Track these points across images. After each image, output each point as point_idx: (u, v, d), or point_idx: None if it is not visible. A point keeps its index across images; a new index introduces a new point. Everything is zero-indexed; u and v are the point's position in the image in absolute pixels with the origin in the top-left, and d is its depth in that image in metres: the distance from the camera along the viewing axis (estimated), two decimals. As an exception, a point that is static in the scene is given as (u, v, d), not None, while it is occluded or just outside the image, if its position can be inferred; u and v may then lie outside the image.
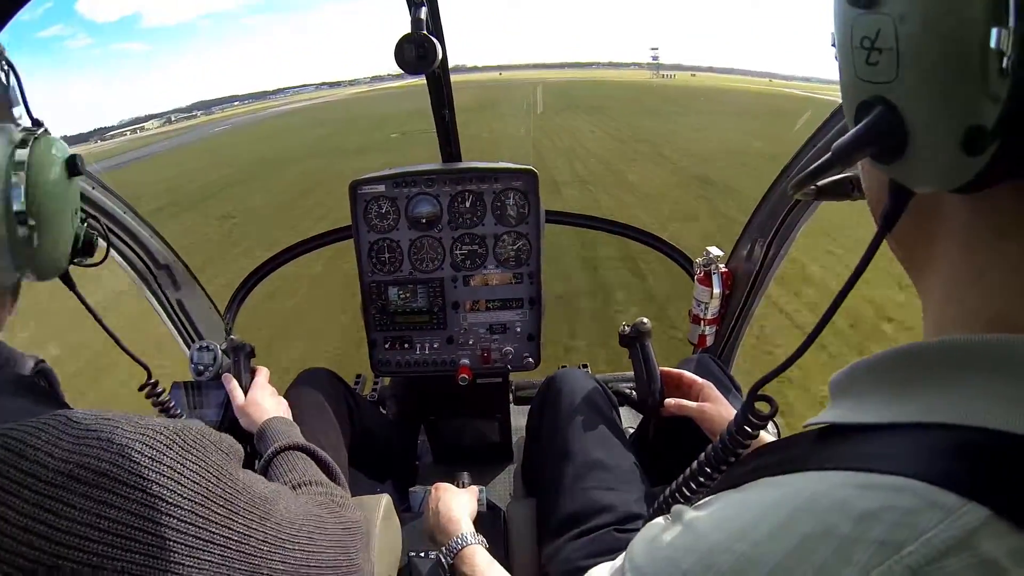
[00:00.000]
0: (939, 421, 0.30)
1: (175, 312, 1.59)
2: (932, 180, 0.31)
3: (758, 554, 0.30)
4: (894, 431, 0.32)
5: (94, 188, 1.28)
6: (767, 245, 1.50)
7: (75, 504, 0.42)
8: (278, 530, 0.56)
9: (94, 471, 0.44)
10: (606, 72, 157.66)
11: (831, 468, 0.32)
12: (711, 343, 1.71)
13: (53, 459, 0.43)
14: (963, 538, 0.25)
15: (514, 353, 1.43)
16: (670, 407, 1.04)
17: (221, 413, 1.25)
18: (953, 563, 0.25)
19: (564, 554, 0.93)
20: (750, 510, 0.33)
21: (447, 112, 1.37)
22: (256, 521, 0.53)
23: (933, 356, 0.33)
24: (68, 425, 0.46)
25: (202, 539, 0.48)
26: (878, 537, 0.26)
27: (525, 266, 1.39)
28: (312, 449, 0.87)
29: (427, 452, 1.82)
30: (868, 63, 0.31)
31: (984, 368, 0.30)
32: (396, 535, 1.01)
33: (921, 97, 0.29)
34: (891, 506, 0.27)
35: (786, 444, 0.43)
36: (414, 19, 0.92)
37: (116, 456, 0.45)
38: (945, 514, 0.26)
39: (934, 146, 0.29)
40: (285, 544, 0.56)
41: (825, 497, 0.30)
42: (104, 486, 0.44)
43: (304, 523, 0.60)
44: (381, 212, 1.37)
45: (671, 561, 0.35)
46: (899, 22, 0.28)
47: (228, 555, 0.50)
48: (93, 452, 0.44)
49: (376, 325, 1.43)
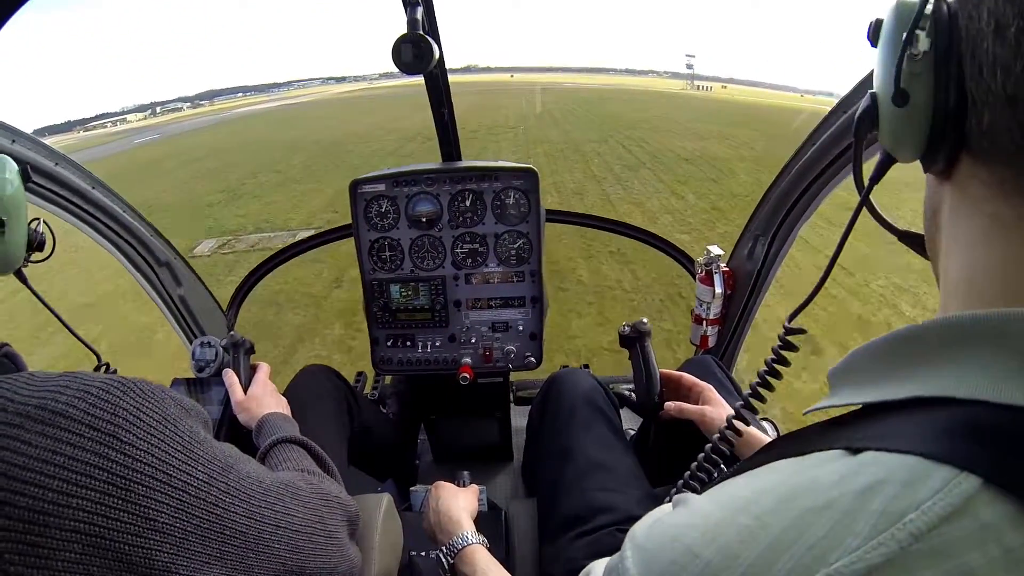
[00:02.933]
0: (935, 395, 0.32)
1: (177, 308, 1.60)
2: (894, 142, 0.39)
3: (759, 525, 0.31)
4: (891, 410, 0.34)
5: (94, 188, 1.28)
6: (768, 244, 1.49)
7: (30, 442, 0.43)
8: (242, 484, 0.56)
9: (51, 411, 0.45)
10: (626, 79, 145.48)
11: (830, 447, 0.33)
12: (713, 344, 1.71)
13: (12, 403, 0.44)
14: (961, 506, 0.26)
15: (516, 352, 1.43)
16: (670, 410, 1.04)
17: (221, 409, 1.25)
18: (954, 528, 0.26)
19: (565, 554, 0.92)
20: (753, 488, 0.34)
21: (446, 111, 1.37)
22: (218, 472, 0.54)
23: (926, 335, 0.35)
24: (31, 378, 0.47)
25: (159, 481, 0.48)
26: (878, 508, 0.27)
27: (526, 264, 1.39)
28: (308, 443, 0.87)
29: (427, 451, 1.82)
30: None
31: (977, 343, 0.32)
32: (397, 534, 1.01)
33: (879, 80, 0.39)
34: (889, 479, 0.28)
35: (789, 437, 0.45)
36: (410, 19, 0.91)
37: (72, 398, 0.46)
38: (942, 483, 0.27)
39: (888, 112, 0.38)
40: (250, 499, 0.56)
41: (825, 474, 0.31)
42: (60, 424, 0.44)
43: (273, 485, 0.60)
44: (381, 211, 1.37)
45: (673, 538, 0.35)
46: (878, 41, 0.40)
47: (187, 500, 0.49)
48: (51, 395, 0.45)
49: (378, 323, 1.44)
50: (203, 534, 0.51)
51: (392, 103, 41.93)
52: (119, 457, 0.46)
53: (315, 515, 0.64)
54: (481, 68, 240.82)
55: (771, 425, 1.20)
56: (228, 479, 0.54)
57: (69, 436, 0.44)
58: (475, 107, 30.67)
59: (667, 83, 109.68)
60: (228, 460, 0.56)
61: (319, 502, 0.66)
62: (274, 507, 0.59)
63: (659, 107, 34.26)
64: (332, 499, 0.69)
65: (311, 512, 0.63)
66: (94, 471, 0.44)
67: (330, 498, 0.69)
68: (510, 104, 34.78)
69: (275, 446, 0.85)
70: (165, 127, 48.82)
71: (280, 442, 0.85)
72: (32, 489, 0.42)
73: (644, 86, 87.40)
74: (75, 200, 1.24)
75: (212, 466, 0.53)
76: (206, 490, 0.51)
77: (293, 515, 0.60)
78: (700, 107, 37.14)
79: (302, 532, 0.61)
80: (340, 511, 0.70)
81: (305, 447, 0.86)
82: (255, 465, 0.60)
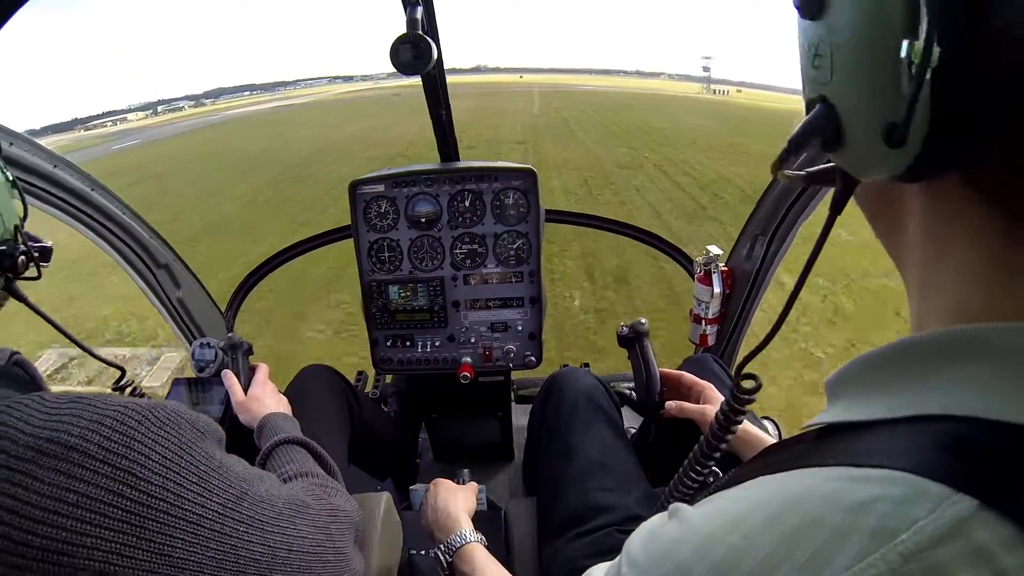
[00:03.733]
0: (929, 413, 0.31)
1: (176, 310, 1.60)
2: (867, 169, 0.35)
3: (749, 544, 0.30)
4: (886, 426, 0.33)
5: (93, 190, 1.28)
6: (767, 243, 1.50)
7: (43, 478, 0.42)
8: (255, 511, 0.55)
9: (63, 445, 0.43)
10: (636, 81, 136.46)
11: (824, 464, 0.33)
12: (712, 342, 1.72)
13: (23, 435, 0.43)
14: (955, 527, 0.25)
15: (515, 352, 1.43)
16: (671, 409, 1.04)
17: (222, 410, 1.26)
18: (946, 551, 0.25)
19: (564, 554, 0.93)
20: (744, 504, 0.34)
21: (444, 112, 1.36)
22: (232, 501, 0.53)
23: (922, 350, 0.34)
24: (42, 403, 0.46)
25: (174, 516, 0.47)
26: (870, 527, 0.27)
27: (525, 265, 1.39)
28: (310, 444, 0.87)
29: (428, 450, 1.82)
30: (813, 66, 0.35)
31: (976, 358, 0.31)
32: (397, 533, 1.01)
33: (849, 96, 0.33)
34: (882, 497, 0.27)
35: (784, 445, 0.44)
36: (410, 19, 0.91)
37: (85, 431, 0.44)
38: (936, 503, 0.26)
39: (863, 139, 0.33)
40: (263, 526, 0.55)
41: (817, 490, 0.30)
42: (73, 460, 0.43)
43: (285, 507, 0.59)
44: (380, 212, 1.37)
45: (665, 554, 0.35)
46: (831, 32, 0.32)
47: (202, 533, 0.49)
48: (63, 427, 0.44)
49: (377, 323, 1.44)
50: (218, 564, 0.50)
51: (387, 107, 39.51)
52: (134, 494, 0.45)
53: (324, 533, 0.63)
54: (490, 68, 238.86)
55: (772, 424, 1.20)
56: (242, 508, 0.54)
57: (82, 472, 0.43)
58: (477, 113, 27.71)
59: (682, 86, 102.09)
60: (242, 486, 0.55)
61: (327, 519, 0.65)
62: (286, 531, 0.58)
63: (686, 115, 30.20)
64: (340, 513, 0.69)
65: (320, 531, 0.63)
66: (108, 508, 0.44)
67: (338, 512, 0.68)
68: (518, 109, 31.17)
69: (277, 447, 0.85)
70: (149, 130, 46.60)
71: (282, 443, 0.85)
72: (45, 528, 0.41)
73: (660, 89, 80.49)
74: (74, 202, 1.24)
75: (227, 495, 0.52)
76: (221, 522, 0.51)
77: (304, 536, 0.60)
78: (729, 115, 31.83)
79: (312, 552, 0.60)
80: (347, 524, 0.69)
81: (307, 448, 0.86)
82: (267, 484, 0.59)
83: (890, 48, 0.28)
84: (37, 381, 0.66)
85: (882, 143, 0.30)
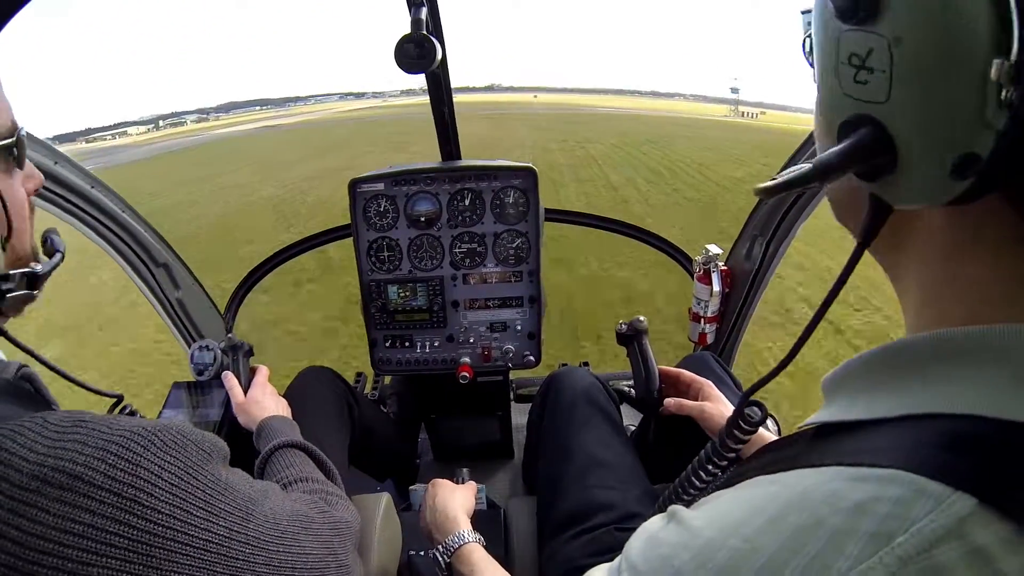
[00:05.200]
0: (928, 412, 0.31)
1: (175, 311, 1.60)
2: (915, 198, 0.31)
3: (750, 548, 0.30)
4: (885, 425, 0.33)
5: (93, 187, 1.28)
6: (766, 243, 1.50)
7: (48, 509, 0.42)
8: (261, 531, 0.55)
9: (68, 474, 0.43)
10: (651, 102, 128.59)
11: (822, 464, 0.32)
12: (712, 341, 1.72)
13: (27, 463, 0.43)
14: (953, 527, 0.25)
15: (515, 351, 1.43)
16: (670, 406, 1.04)
17: (222, 412, 1.25)
18: (944, 552, 0.25)
19: (564, 553, 0.92)
20: (743, 506, 0.34)
21: (447, 110, 1.37)
22: (238, 523, 0.53)
23: (920, 350, 0.34)
24: (45, 428, 0.45)
25: (180, 543, 0.47)
26: (869, 529, 0.27)
27: (524, 264, 1.39)
28: (310, 448, 0.86)
29: (428, 450, 1.82)
30: (856, 81, 0.30)
31: (975, 358, 0.31)
32: (396, 534, 1.01)
33: (915, 121, 0.28)
34: (881, 497, 0.27)
35: (782, 444, 0.44)
36: (414, 19, 0.92)
37: (91, 459, 0.44)
38: (935, 503, 0.26)
39: (924, 168, 0.29)
40: (268, 546, 0.55)
41: (816, 491, 0.30)
42: (78, 490, 0.43)
43: (289, 524, 0.59)
44: (380, 210, 1.37)
45: (666, 559, 0.35)
46: (895, 44, 0.27)
47: (208, 558, 0.49)
48: (68, 455, 0.43)
49: (376, 324, 1.44)
50: None
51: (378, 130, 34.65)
52: (140, 522, 0.45)
53: (327, 548, 0.63)
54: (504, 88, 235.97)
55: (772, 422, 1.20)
56: (247, 529, 0.54)
57: (88, 502, 0.43)
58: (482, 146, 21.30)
59: (708, 108, 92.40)
60: (248, 506, 0.55)
61: (330, 533, 0.65)
62: (291, 549, 0.58)
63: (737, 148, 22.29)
64: (342, 525, 0.69)
65: (323, 546, 0.63)
66: (114, 538, 0.43)
67: (340, 525, 0.68)
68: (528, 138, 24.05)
69: (276, 451, 0.84)
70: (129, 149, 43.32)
71: (281, 447, 0.85)
72: (51, 559, 0.41)
73: (688, 111, 71.44)
74: (74, 200, 1.24)
75: (232, 518, 0.52)
76: (227, 545, 0.51)
77: (309, 553, 0.60)
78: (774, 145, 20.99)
79: (316, 569, 0.60)
80: (349, 536, 0.69)
81: (307, 451, 0.86)
82: (271, 501, 0.59)
83: (975, 68, 0.24)
84: (45, 396, 0.65)
85: (949, 174, 0.27)
